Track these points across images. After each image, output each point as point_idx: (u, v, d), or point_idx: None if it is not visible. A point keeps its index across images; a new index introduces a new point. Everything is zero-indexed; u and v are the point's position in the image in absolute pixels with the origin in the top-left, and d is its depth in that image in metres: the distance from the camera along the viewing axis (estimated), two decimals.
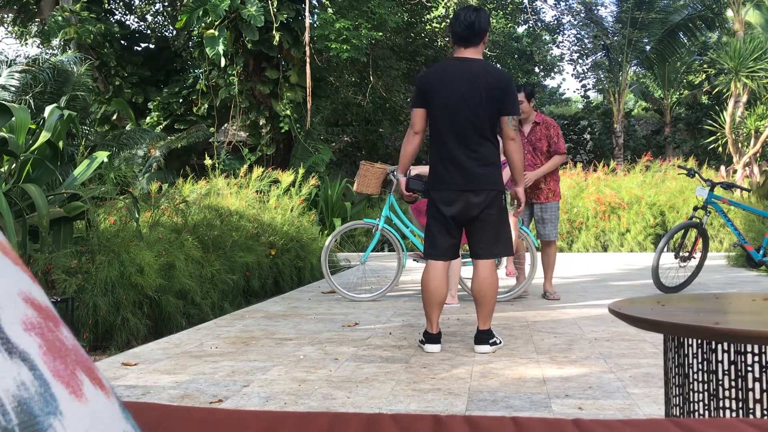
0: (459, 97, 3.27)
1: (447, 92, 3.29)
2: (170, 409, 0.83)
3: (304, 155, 11.61)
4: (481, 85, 3.26)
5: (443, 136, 3.32)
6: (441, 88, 3.31)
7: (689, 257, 5.51)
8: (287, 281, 6.46)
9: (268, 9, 10.59)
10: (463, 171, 3.29)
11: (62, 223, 4.04)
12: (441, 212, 3.35)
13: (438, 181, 3.36)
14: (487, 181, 3.31)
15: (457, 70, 3.32)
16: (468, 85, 3.27)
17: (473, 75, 3.28)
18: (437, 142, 3.36)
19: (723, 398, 1.48)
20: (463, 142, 3.29)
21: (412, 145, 3.48)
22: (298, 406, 2.49)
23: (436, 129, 3.37)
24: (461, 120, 3.28)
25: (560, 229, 11.02)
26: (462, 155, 3.29)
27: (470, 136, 3.29)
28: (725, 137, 12.54)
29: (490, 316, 3.42)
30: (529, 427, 0.82)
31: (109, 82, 12.71)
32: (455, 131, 3.29)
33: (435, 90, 3.33)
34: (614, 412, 2.34)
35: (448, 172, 3.31)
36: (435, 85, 3.33)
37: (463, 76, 3.28)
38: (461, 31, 3.32)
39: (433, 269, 3.41)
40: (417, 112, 3.41)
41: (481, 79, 3.27)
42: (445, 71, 3.35)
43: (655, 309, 1.60)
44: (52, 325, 0.51)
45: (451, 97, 3.28)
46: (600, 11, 31.33)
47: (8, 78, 6.23)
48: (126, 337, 3.89)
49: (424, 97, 3.37)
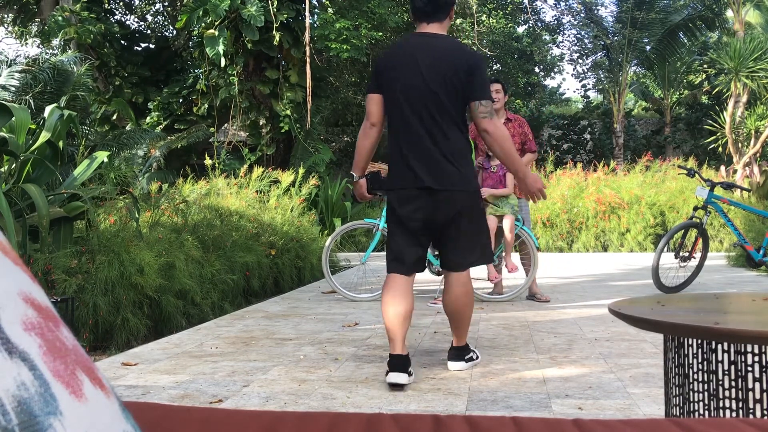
0: (420, 79, 2.79)
1: (407, 73, 2.81)
2: (170, 409, 0.83)
3: (304, 155, 11.62)
4: (445, 64, 2.78)
5: (403, 124, 2.84)
6: (401, 68, 2.82)
7: (689, 257, 5.51)
8: (287, 281, 6.46)
9: (268, 9, 10.59)
10: (427, 167, 2.79)
11: (62, 223, 4.04)
12: (402, 217, 2.85)
13: (398, 179, 2.86)
14: (456, 179, 2.80)
15: (418, 48, 2.84)
16: (431, 64, 2.79)
17: (437, 53, 2.81)
18: (396, 132, 2.87)
19: (723, 398, 1.48)
20: (426, 131, 2.79)
21: (370, 139, 2.97)
22: (298, 406, 2.49)
23: (395, 117, 2.87)
24: (424, 105, 2.79)
25: (560, 229, 11.02)
26: (425, 148, 2.79)
27: (435, 124, 2.79)
28: (725, 137, 12.54)
29: (467, 331, 3.04)
30: (529, 427, 0.82)
31: (109, 82, 12.72)
32: (417, 119, 2.80)
33: (394, 71, 2.84)
34: (614, 412, 2.34)
35: (409, 169, 2.81)
36: (394, 65, 2.85)
37: (426, 54, 2.81)
38: (423, 5, 2.87)
39: (395, 283, 2.87)
40: (372, 99, 2.92)
41: (445, 58, 2.79)
42: (404, 50, 2.87)
43: (655, 309, 1.60)
44: (52, 325, 0.51)
45: (412, 78, 2.80)
46: (600, 11, 31.34)
47: (8, 78, 6.23)
48: (126, 337, 3.89)
49: (381, 79, 2.88)
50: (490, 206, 5.02)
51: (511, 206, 5.00)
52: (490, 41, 18.98)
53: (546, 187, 3.02)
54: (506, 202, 4.99)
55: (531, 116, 19.91)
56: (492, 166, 4.98)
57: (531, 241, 5.13)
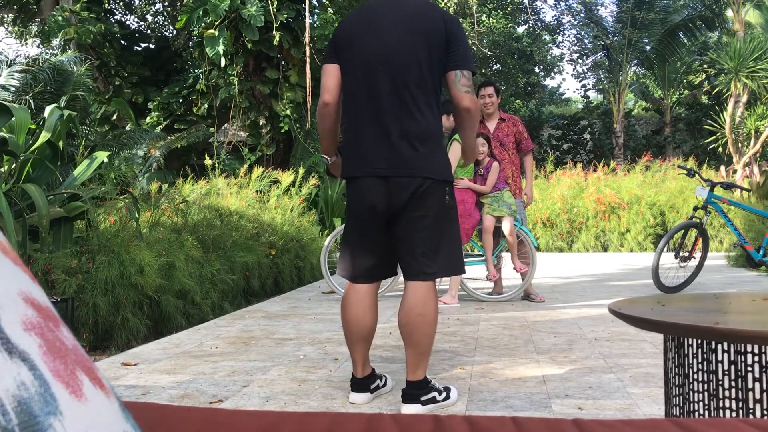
0: (384, 48, 2.35)
1: (369, 41, 2.37)
2: (170, 409, 0.83)
3: (304, 155, 11.62)
4: (417, 28, 2.34)
5: (362, 100, 2.38)
6: (363, 35, 2.38)
7: (689, 257, 5.51)
8: (287, 281, 6.46)
9: (268, 9, 10.60)
10: (388, 151, 2.33)
11: (62, 223, 4.04)
12: (359, 212, 2.43)
13: (354, 166, 2.41)
14: (421, 165, 2.33)
15: (384, 12, 2.40)
16: (399, 29, 2.35)
17: (406, 16, 2.37)
18: (353, 110, 2.41)
19: (723, 398, 1.48)
20: (389, 109, 2.34)
21: (328, 119, 2.46)
22: (298, 406, 2.49)
23: (351, 91, 2.41)
24: (388, 78, 2.34)
25: (560, 229, 11.02)
26: (387, 128, 2.34)
27: (401, 101, 2.34)
28: (725, 137, 12.54)
29: (425, 360, 2.38)
30: (529, 427, 0.82)
31: (109, 82, 12.72)
32: (379, 94, 2.35)
33: (355, 39, 2.40)
34: (614, 412, 2.34)
35: (368, 152, 2.36)
36: (355, 31, 2.41)
37: (393, 18, 2.37)
38: None
39: (355, 292, 2.50)
40: (327, 71, 2.44)
41: (417, 22, 2.35)
42: (367, 15, 2.43)
43: (655, 309, 1.60)
44: (52, 325, 0.51)
45: (375, 47, 2.36)
46: (600, 11, 31.36)
47: (8, 78, 6.23)
48: (126, 337, 3.89)
49: (338, 48, 2.44)
50: (487, 206, 5.02)
51: (508, 205, 4.99)
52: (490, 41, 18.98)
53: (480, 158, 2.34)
54: (503, 202, 4.99)
55: (531, 116, 19.92)
56: (479, 169, 5.01)
57: (529, 241, 5.13)
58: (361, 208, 2.41)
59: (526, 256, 5.21)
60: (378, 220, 2.40)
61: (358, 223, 2.45)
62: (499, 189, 5.02)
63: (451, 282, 5.09)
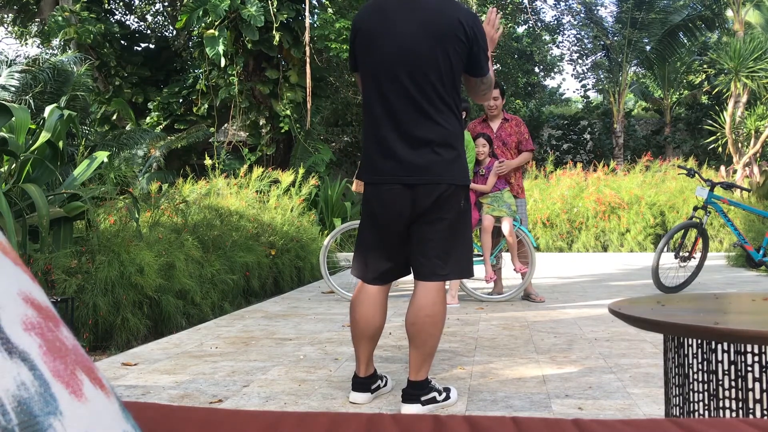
0: (400, 46, 2.29)
1: (384, 40, 2.31)
2: (170, 409, 0.83)
3: (304, 155, 11.62)
4: (433, 25, 2.27)
5: (379, 103, 2.35)
6: (378, 34, 2.33)
7: (689, 257, 5.51)
8: (287, 281, 6.46)
9: (268, 9, 10.60)
10: (405, 155, 2.31)
11: (62, 223, 4.04)
12: (376, 216, 2.42)
13: (371, 170, 2.40)
14: (445, 171, 2.32)
15: (397, 6, 2.32)
16: (414, 26, 2.28)
17: (421, 11, 2.29)
18: (371, 113, 2.38)
19: (723, 398, 1.48)
20: (406, 112, 2.31)
21: None
22: (298, 406, 2.49)
23: (369, 94, 2.39)
24: (405, 79, 2.29)
25: (560, 229, 11.02)
26: (403, 133, 2.31)
27: (417, 103, 2.30)
28: (725, 137, 12.55)
29: (428, 361, 2.39)
30: (529, 427, 0.81)
31: (109, 82, 12.72)
32: (396, 97, 2.31)
33: (370, 37, 2.35)
34: (614, 412, 2.34)
35: (384, 157, 2.35)
36: (370, 30, 2.35)
37: (408, 15, 2.30)
38: None
39: (366, 291, 2.49)
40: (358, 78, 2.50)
41: (433, 18, 2.27)
42: (381, 10, 2.35)
43: (655, 309, 1.60)
44: (52, 325, 0.51)
45: (390, 46, 2.30)
46: (600, 11, 31.36)
47: (8, 78, 6.23)
48: (126, 337, 3.89)
49: (357, 56, 2.43)
50: (486, 205, 5.02)
51: (508, 206, 4.99)
52: None
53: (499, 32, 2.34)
54: (503, 202, 4.99)
55: (531, 116, 19.92)
56: (480, 170, 5.01)
57: (528, 241, 5.13)
58: (383, 213, 2.39)
59: (525, 256, 5.21)
60: (400, 227, 2.40)
61: (376, 227, 2.44)
62: (499, 189, 5.02)
63: (451, 282, 5.09)
